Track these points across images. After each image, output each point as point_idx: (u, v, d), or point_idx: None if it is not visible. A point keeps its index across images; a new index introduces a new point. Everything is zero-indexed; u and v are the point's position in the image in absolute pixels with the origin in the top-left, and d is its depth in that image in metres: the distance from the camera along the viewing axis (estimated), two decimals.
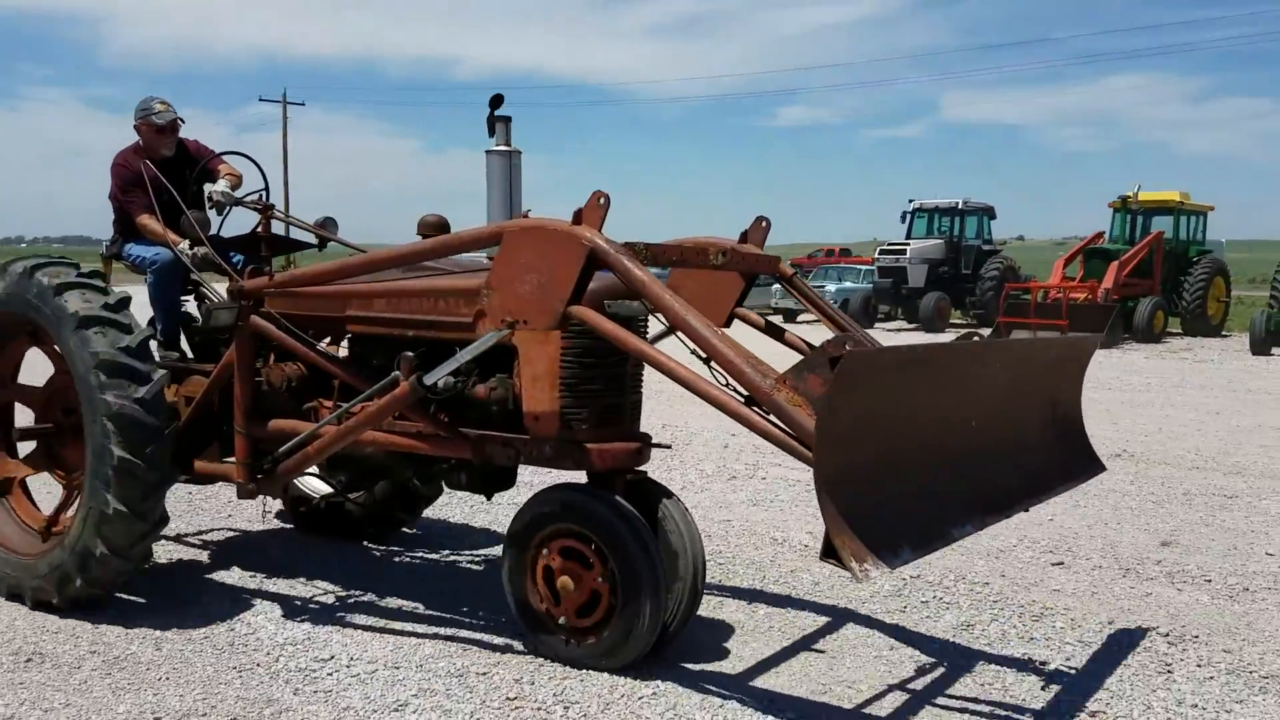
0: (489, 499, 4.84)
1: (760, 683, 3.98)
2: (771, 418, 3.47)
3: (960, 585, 5.22)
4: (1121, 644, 4.49)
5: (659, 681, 3.90)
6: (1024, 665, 4.23)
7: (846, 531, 2.98)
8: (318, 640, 4.36)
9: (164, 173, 5.40)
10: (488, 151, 5.25)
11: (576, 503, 3.98)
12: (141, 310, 4.96)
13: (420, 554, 5.71)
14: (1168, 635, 4.59)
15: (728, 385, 3.78)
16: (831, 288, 28.11)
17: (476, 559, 5.65)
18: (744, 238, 4.48)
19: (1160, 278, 23.45)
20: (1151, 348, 21.13)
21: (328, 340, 5.08)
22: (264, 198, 5.23)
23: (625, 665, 3.92)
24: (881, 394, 3.24)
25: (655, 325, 4.29)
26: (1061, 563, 5.65)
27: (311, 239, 5.55)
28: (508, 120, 5.37)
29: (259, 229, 5.11)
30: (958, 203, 27.78)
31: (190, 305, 5.60)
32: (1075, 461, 4.43)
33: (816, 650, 4.33)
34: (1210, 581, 5.33)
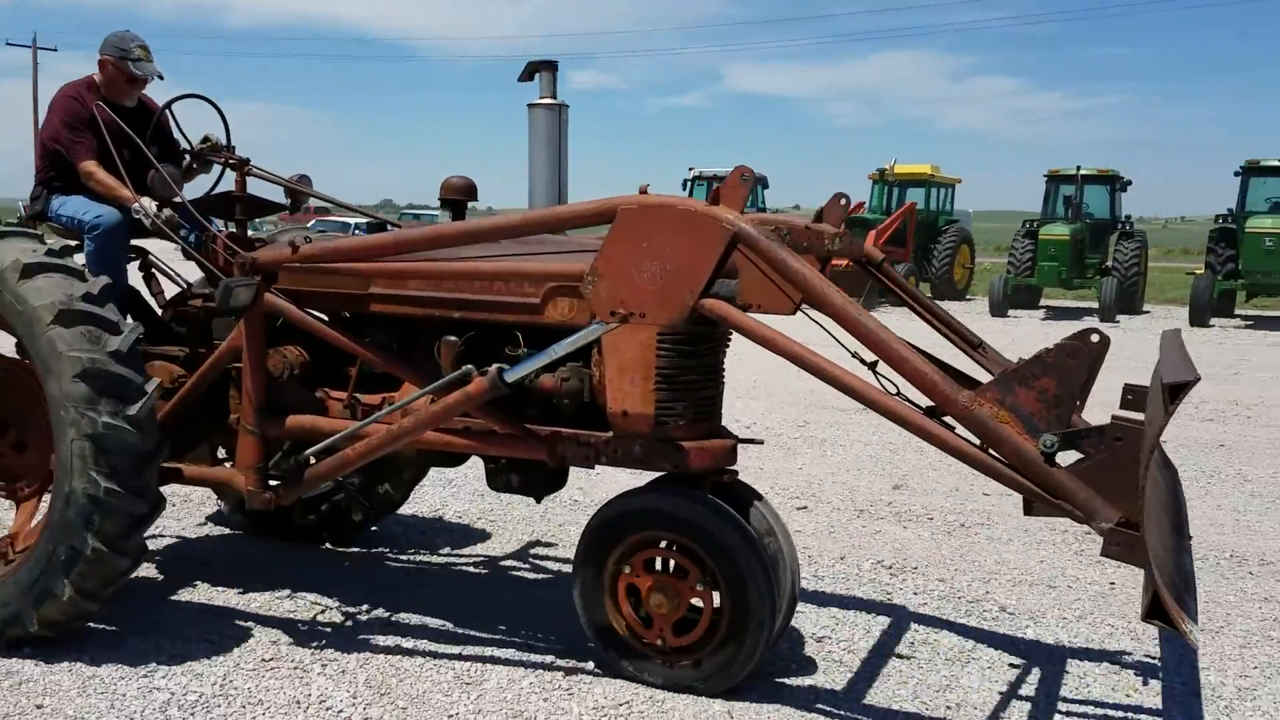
0: (538, 501, 4.45)
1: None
2: (958, 431, 3.20)
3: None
4: (850, 577, 5.05)
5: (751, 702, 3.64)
6: None
7: (1172, 591, 2.71)
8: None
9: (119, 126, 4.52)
10: (530, 105, 4.48)
11: (676, 510, 3.59)
12: None
13: (420, 558, 5.21)
14: (890, 567, 5.16)
15: (897, 393, 3.47)
16: None
17: (477, 558, 5.23)
18: (819, 216, 3.92)
19: (912, 246, 25.21)
20: (903, 311, 22.74)
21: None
22: (228, 149, 4.60)
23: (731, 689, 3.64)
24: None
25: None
26: (805, 507, 6.18)
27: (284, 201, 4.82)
28: (553, 67, 4.53)
29: (234, 188, 4.51)
30: None
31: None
32: None
33: None
34: (932, 519, 5.97)
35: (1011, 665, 4.09)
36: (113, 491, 3.63)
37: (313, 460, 3.95)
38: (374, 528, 5.51)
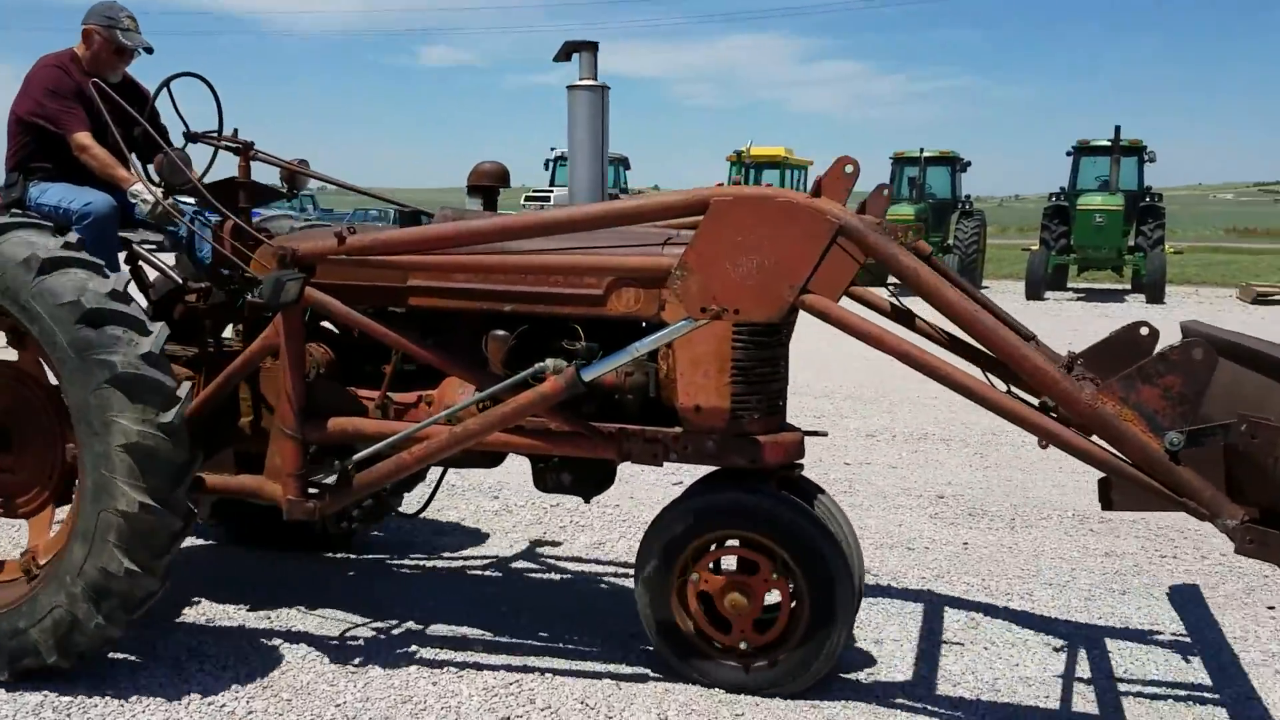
0: (587, 501, 4.25)
1: None
2: (1073, 430, 3.15)
3: (594, 509, 5.72)
4: None
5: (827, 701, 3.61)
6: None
7: None
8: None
9: (105, 104, 4.07)
10: (570, 87, 4.22)
11: (754, 506, 3.50)
12: None
13: (429, 561, 4.95)
14: None
15: (1008, 390, 3.41)
16: None
17: (488, 559, 5.06)
18: (863, 208, 3.75)
19: None
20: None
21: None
22: (221, 132, 4.25)
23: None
24: None
25: None
26: (680, 482, 6.31)
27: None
28: (593, 48, 4.20)
29: (237, 174, 4.18)
30: None
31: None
32: None
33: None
34: None
35: (876, 622, 4.31)
36: (148, 506, 3.34)
37: (353, 466, 3.68)
38: (378, 532, 5.33)
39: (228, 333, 4.35)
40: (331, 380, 3.88)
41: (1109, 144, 22.13)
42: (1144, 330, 3.57)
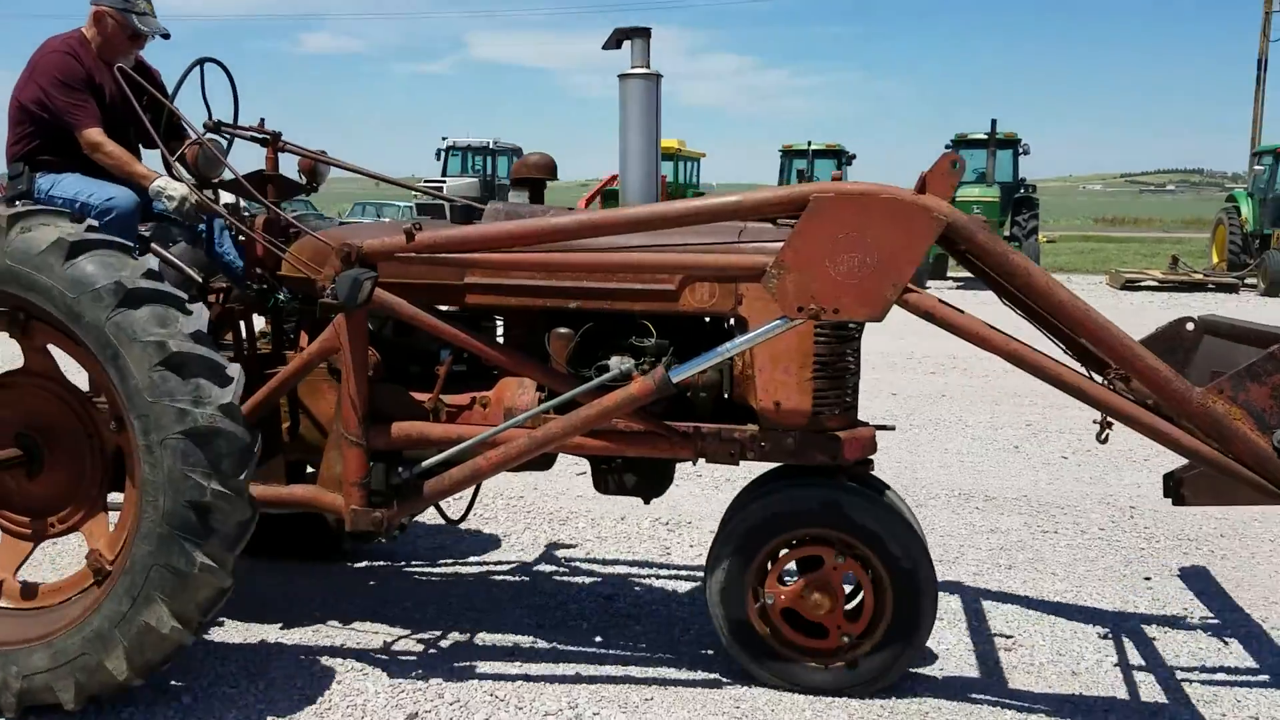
0: (646, 502, 4.07)
1: None
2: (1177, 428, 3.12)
3: (499, 501, 5.79)
4: (630, 534, 5.29)
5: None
6: (551, 559, 4.92)
7: None
8: None
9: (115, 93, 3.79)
10: (622, 76, 4.01)
11: (841, 503, 3.44)
12: None
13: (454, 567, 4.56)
14: (668, 523, 5.42)
15: (1110, 385, 3.36)
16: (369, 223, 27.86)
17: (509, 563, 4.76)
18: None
19: None
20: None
21: None
22: (237, 121, 3.98)
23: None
24: None
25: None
26: (585, 472, 6.34)
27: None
28: (645, 34, 3.98)
29: (264, 166, 3.95)
30: (489, 142, 28.69)
31: None
32: None
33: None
34: (701, 476, 6.28)
35: None
36: (220, 494, 3.11)
37: (419, 473, 3.53)
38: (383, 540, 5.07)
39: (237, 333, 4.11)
40: (389, 383, 3.69)
41: (985, 137, 22.96)
42: (1189, 326, 3.59)
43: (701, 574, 4.12)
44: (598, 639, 4.04)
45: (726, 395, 3.57)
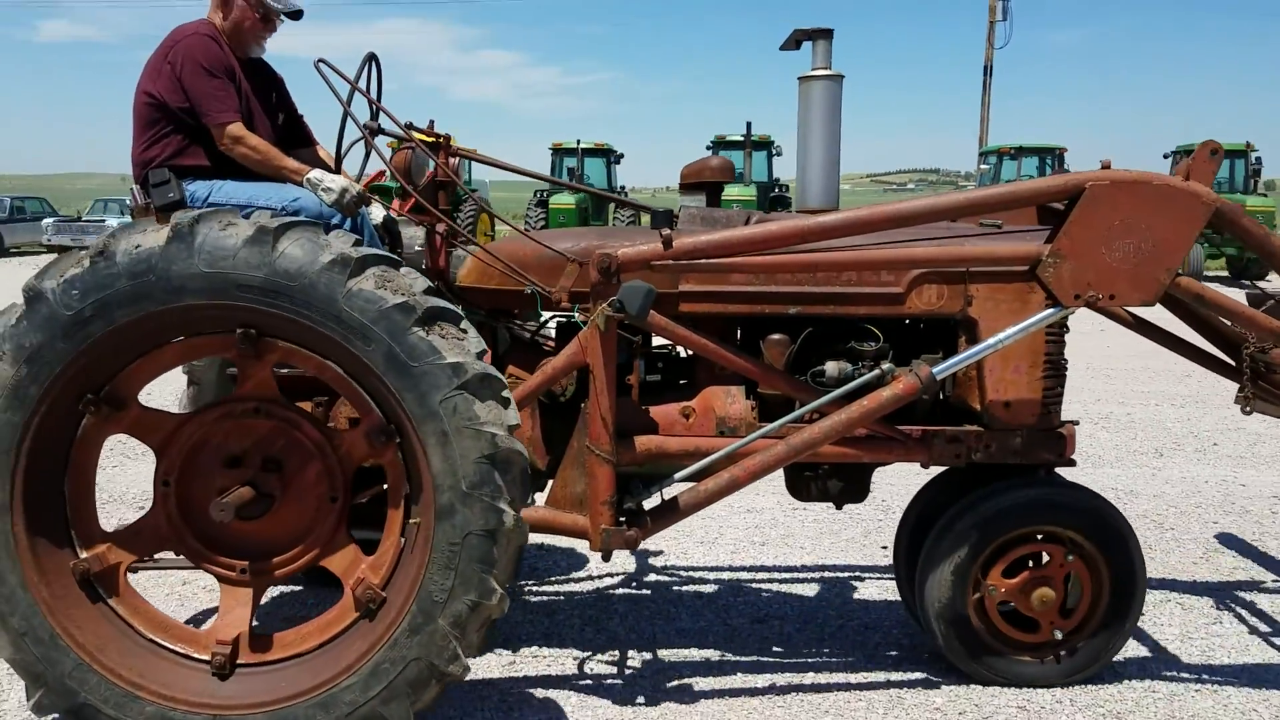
0: (839, 508, 3.90)
1: None
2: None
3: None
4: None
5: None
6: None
7: None
8: None
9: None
10: (802, 78, 3.82)
11: (1068, 501, 3.50)
12: None
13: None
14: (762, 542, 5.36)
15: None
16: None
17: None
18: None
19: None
20: None
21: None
22: (376, 118, 3.62)
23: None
24: None
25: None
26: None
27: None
28: (828, 35, 3.82)
29: (433, 172, 3.66)
30: None
31: None
32: None
33: None
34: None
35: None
36: (515, 519, 2.94)
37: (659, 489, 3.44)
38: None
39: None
40: (625, 398, 3.53)
41: (741, 139, 24.02)
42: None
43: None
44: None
45: (942, 396, 3.63)
